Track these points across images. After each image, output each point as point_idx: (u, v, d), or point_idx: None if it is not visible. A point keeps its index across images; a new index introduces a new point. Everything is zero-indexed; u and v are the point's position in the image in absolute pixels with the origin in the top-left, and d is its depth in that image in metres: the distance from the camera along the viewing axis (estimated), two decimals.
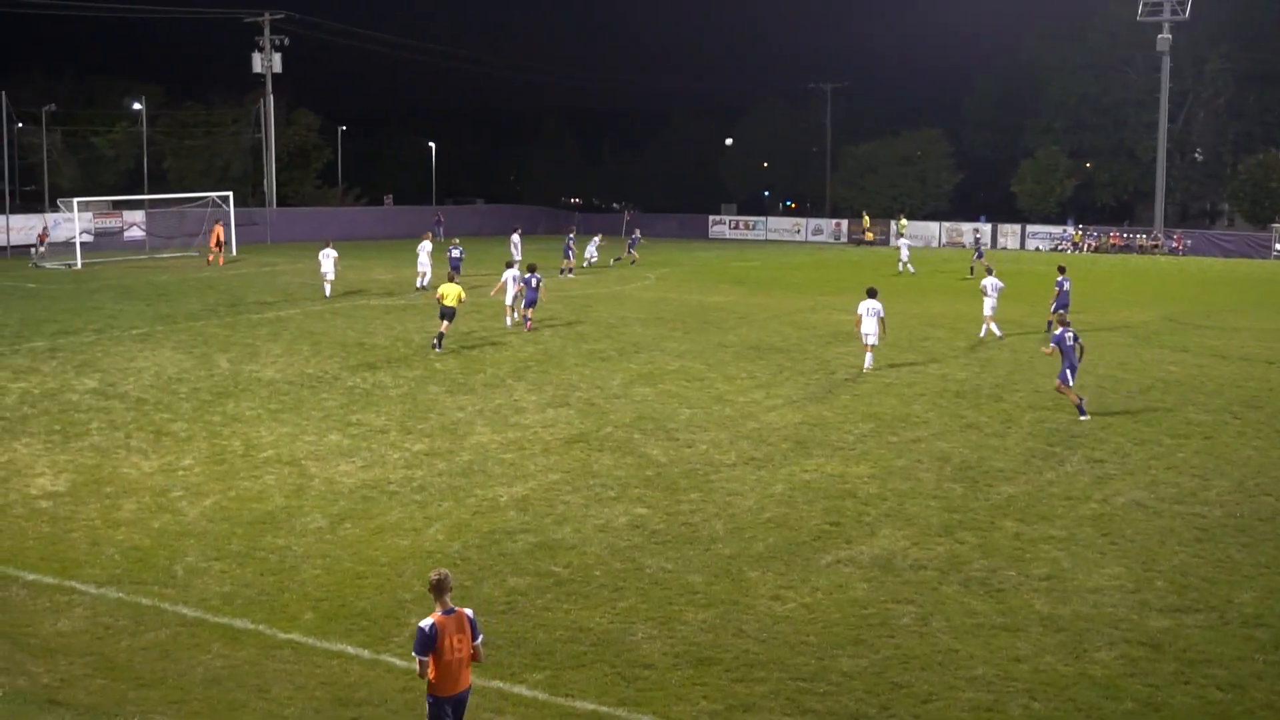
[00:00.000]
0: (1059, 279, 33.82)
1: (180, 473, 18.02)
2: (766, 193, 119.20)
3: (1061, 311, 28.15)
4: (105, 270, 51.79)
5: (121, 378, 25.49)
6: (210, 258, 54.86)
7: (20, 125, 79.30)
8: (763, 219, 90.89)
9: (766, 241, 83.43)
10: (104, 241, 63.87)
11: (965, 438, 20.40)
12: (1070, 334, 22.37)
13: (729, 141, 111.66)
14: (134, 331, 32.51)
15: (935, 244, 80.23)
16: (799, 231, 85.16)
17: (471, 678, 9.15)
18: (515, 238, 51.19)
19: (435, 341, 29.18)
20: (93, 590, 13.21)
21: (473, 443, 19.89)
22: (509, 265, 34.76)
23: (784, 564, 14.11)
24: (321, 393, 24.05)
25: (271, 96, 79.12)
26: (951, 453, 19.32)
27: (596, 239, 57.94)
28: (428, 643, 8.81)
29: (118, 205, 70.20)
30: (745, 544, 14.81)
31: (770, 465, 18.53)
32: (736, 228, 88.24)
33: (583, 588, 13.32)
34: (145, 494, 16.90)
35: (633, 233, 60.97)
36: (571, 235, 54.93)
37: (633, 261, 56.34)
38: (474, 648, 8.97)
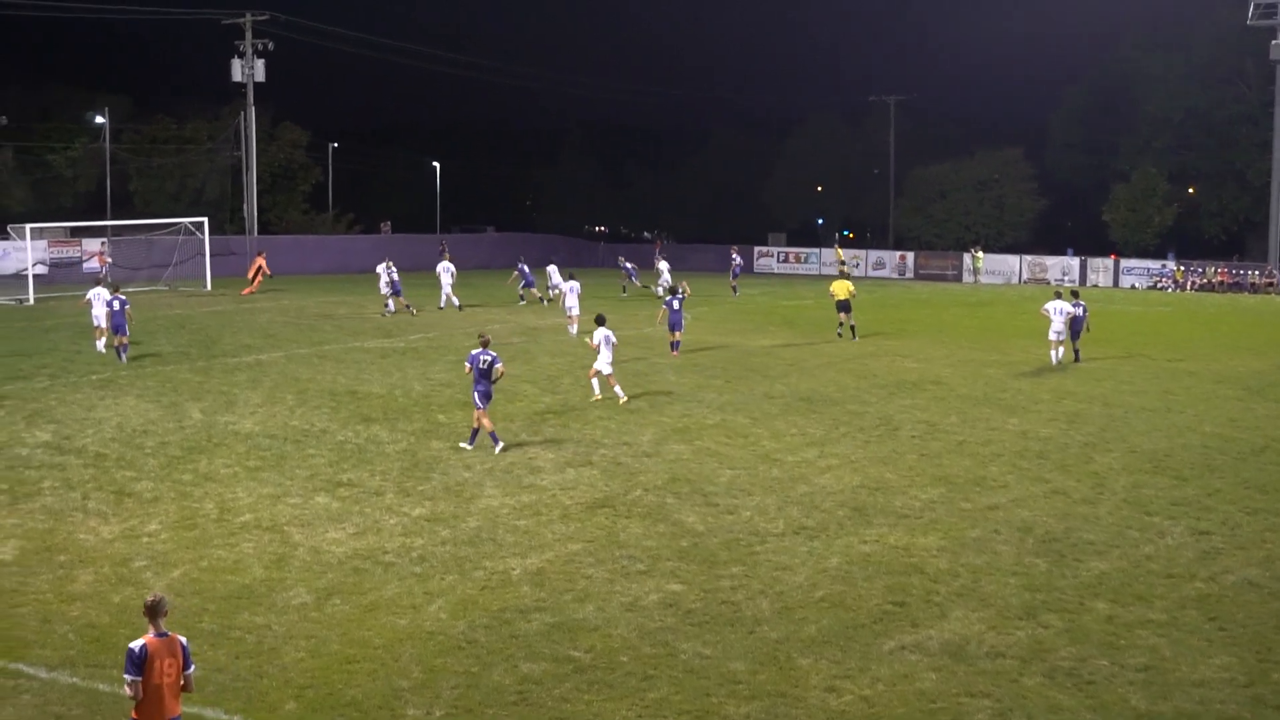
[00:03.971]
0: (1071, 304, 36.41)
1: (145, 539, 18.14)
2: (820, 220, 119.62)
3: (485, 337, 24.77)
4: (61, 306, 52.22)
5: (79, 429, 25.71)
6: (247, 290, 60.58)
7: None
8: (816, 250, 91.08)
9: (820, 276, 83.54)
10: (60, 274, 64.59)
11: (1050, 505, 20.33)
12: (488, 355, 23.77)
13: None
14: (93, 377, 32.81)
15: (1015, 280, 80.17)
16: (858, 265, 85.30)
17: (181, 708, 9.95)
18: (630, 265, 63.19)
19: (851, 335, 42.21)
20: (43, 674, 13.30)
21: (481, 507, 19.96)
22: (569, 277, 44.21)
23: (840, 650, 14.08)
24: (307, 448, 24.19)
25: (253, 109, 79.90)
26: (1034, 522, 19.26)
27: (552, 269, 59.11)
28: (137, 664, 9.64)
29: (76, 233, 71.08)
30: (795, 626, 14.78)
31: (824, 535, 18.51)
32: (786, 260, 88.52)
33: (607, 675, 13.32)
34: (104, 564, 17.00)
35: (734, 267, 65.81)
36: (522, 262, 59.91)
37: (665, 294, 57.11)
38: (184, 677, 9.95)
